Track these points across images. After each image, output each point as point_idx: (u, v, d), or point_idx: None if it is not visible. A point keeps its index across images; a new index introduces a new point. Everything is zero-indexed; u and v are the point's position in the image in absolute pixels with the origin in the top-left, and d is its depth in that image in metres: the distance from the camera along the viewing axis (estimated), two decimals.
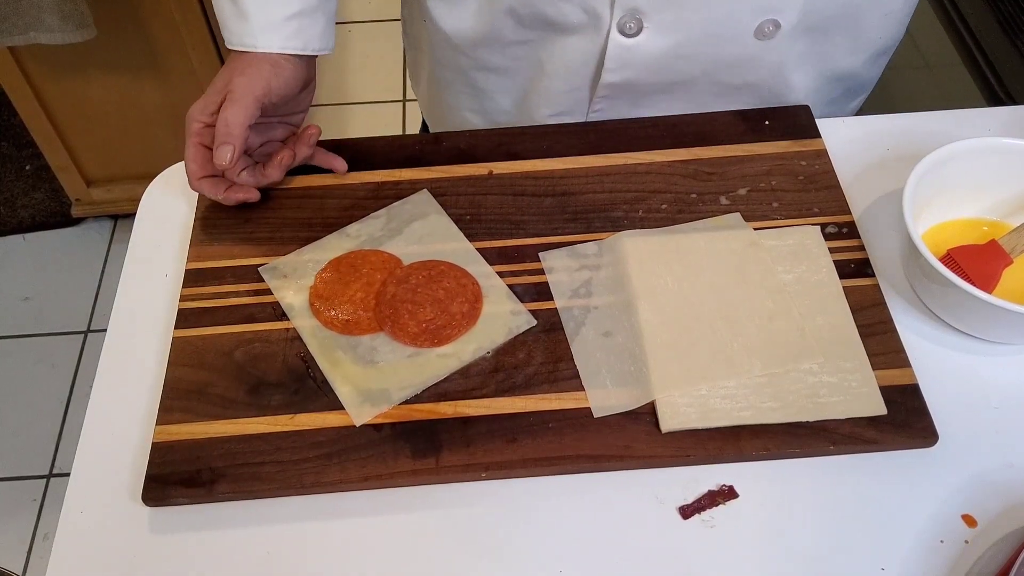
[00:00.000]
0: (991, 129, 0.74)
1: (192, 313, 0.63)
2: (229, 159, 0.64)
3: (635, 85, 0.73)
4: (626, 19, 0.68)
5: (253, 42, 0.66)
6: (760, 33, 0.69)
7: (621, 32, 0.69)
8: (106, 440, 0.59)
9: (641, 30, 0.68)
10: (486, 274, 0.64)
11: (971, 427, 0.58)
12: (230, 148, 0.64)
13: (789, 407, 0.57)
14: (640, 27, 0.68)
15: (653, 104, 0.76)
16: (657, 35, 0.69)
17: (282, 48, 0.66)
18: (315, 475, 0.56)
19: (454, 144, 0.72)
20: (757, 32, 0.69)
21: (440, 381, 0.59)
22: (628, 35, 0.69)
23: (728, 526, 0.54)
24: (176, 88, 1.51)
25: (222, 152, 0.64)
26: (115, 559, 0.54)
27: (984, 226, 0.67)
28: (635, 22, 0.68)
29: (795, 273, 0.63)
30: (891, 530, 0.54)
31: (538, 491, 0.56)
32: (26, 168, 1.67)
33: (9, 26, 1.27)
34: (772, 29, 0.69)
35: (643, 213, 0.68)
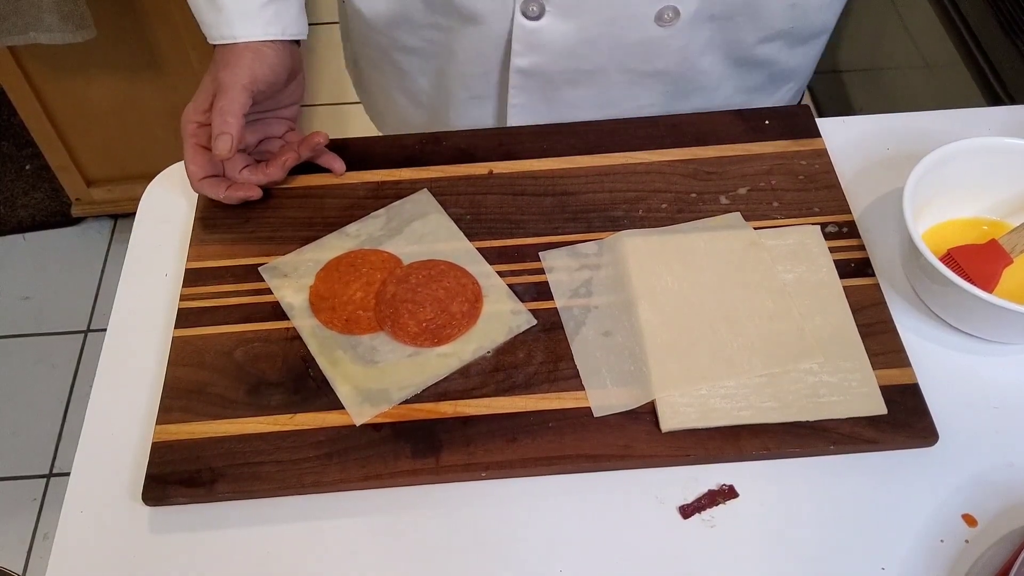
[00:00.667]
0: (991, 129, 0.74)
1: (192, 313, 0.63)
2: (228, 148, 0.64)
3: (546, 73, 0.74)
4: (528, 2, 0.69)
5: (231, 32, 0.67)
6: (660, 19, 0.70)
7: (524, 15, 0.70)
8: (106, 440, 0.59)
9: (543, 13, 0.70)
10: (486, 274, 0.64)
11: (971, 427, 0.58)
12: (228, 137, 0.64)
13: (789, 407, 0.57)
14: (542, 9, 0.69)
15: (570, 97, 0.77)
16: (559, 18, 0.70)
17: (263, 35, 0.67)
18: (315, 475, 0.56)
19: (454, 144, 0.72)
20: (657, 18, 0.70)
21: (440, 381, 0.59)
22: (531, 17, 0.70)
23: (728, 526, 0.54)
24: (176, 88, 1.51)
25: (221, 142, 0.64)
26: (115, 559, 0.54)
27: (984, 226, 0.67)
28: (537, 4, 0.69)
29: (795, 273, 0.63)
30: (891, 530, 0.54)
31: (538, 491, 0.56)
32: (26, 168, 1.67)
33: (9, 26, 1.27)
34: (672, 16, 0.69)
35: (643, 213, 0.68)
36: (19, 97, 1.49)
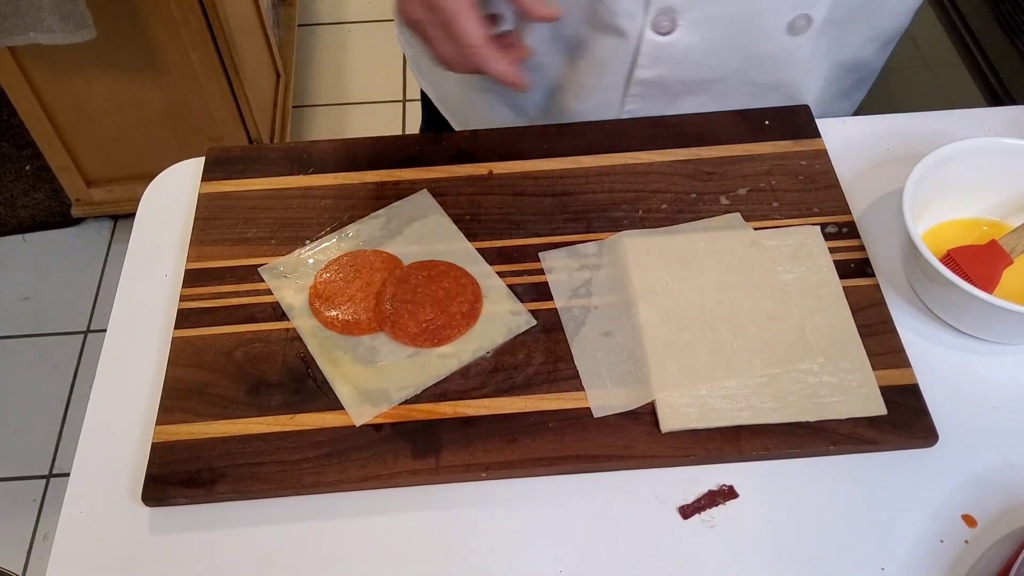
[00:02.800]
0: (991, 129, 0.74)
1: (192, 313, 0.63)
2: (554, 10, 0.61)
3: (667, 83, 0.73)
4: (660, 18, 0.68)
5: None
6: (792, 28, 0.69)
7: (655, 31, 0.69)
8: (106, 440, 0.59)
9: (675, 28, 0.68)
10: (486, 274, 0.64)
11: (971, 427, 0.58)
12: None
13: (789, 407, 0.57)
14: (674, 25, 0.68)
15: (685, 105, 0.76)
16: (691, 31, 0.69)
17: None
18: (315, 475, 0.56)
19: (454, 144, 0.72)
20: (789, 27, 0.69)
21: (440, 381, 0.59)
22: (662, 33, 0.69)
23: (728, 526, 0.54)
24: (176, 88, 1.51)
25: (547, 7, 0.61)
26: (115, 559, 0.54)
27: (984, 226, 0.67)
28: (669, 20, 0.68)
29: (795, 273, 0.63)
30: (891, 530, 0.54)
31: (538, 491, 0.56)
32: (26, 168, 1.67)
33: (9, 26, 1.27)
34: (804, 24, 0.68)
35: (643, 213, 0.68)
36: (19, 97, 1.49)
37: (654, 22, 0.68)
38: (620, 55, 0.72)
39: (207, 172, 0.71)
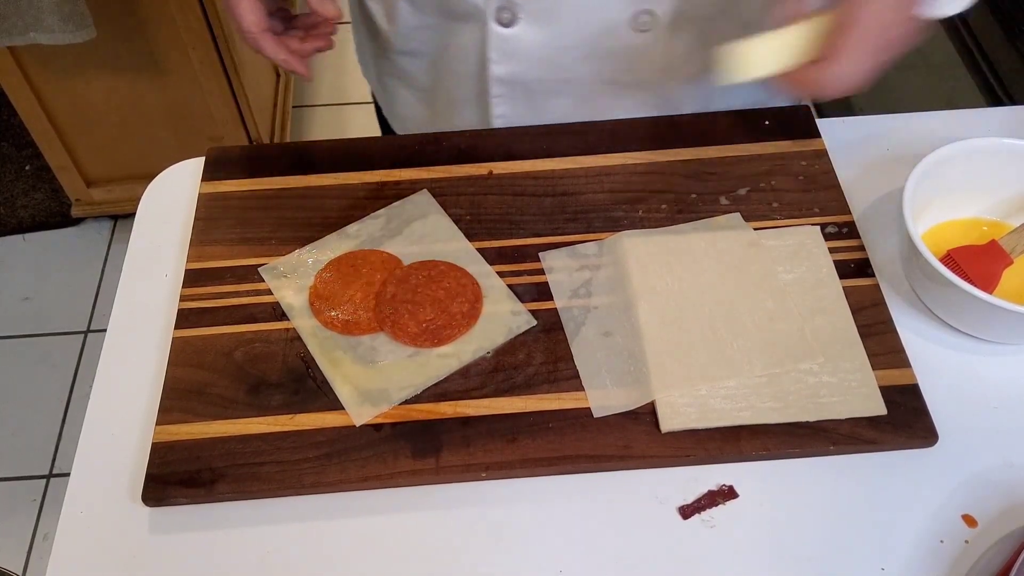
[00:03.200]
0: (991, 129, 0.74)
1: (192, 313, 0.63)
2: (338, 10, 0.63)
3: (525, 82, 0.74)
4: (501, 8, 0.69)
5: None
6: (636, 24, 0.69)
7: (498, 22, 0.70)
8: (106, 440, 0.59)
9: (516, 20, 0.69)
10: (486, 274, 0.64)
11: (971, 427, 0.58)
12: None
13: (789, 407, 0.57)
14: (515, 17, 0.69)
15: (554, 108, 0.76)
16: (533, 25, 0.70)
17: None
18: (315, 475, 0.56)
19: (454, 144, 0.72)
20: (633, 23, 0.69)
21: (440, 381, 0.59)
22: (505, 25, 0.70)
23: (728, 526, 0.54)
24: (176, 88, 1.51)
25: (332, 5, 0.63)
26: (115, 559, 0.54)
27: (984, 226, 0.67)
28: (510, 12, 0.69)
29: (795, 273, 0.63)
30: (891, 530, 0.54)
31: (538, 491, 0.56)
32: (26, 168, 1.67)
33: (9, 26, 1.27)
34: (648, 20, 0.68)
35: (643, 213, 0.68)
36: (19, 97, 1.49)
37: (497, 13, 0.69)
38: (473, 46, 0.73)
39: (207, 172, 0.71)
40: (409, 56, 0.80)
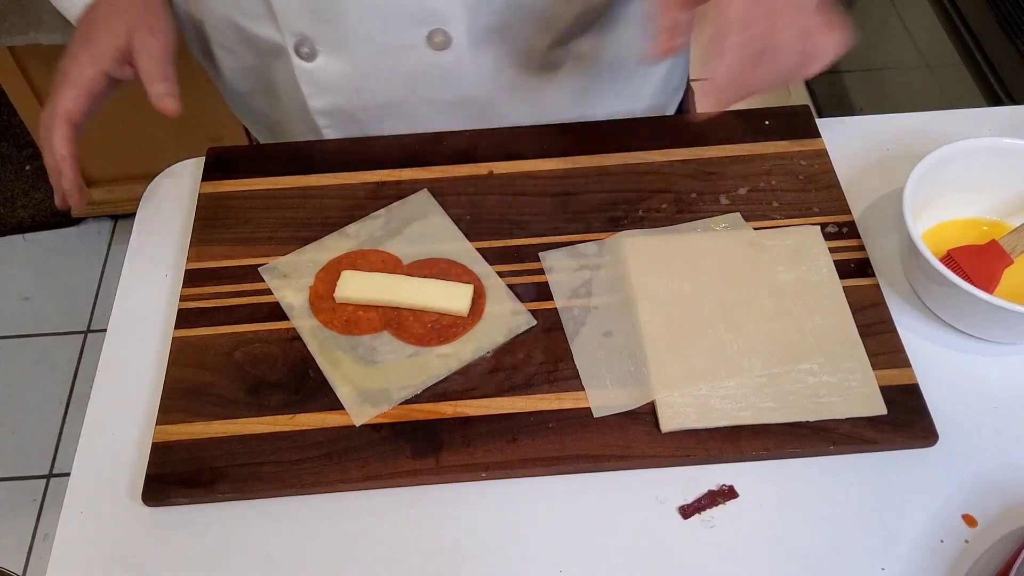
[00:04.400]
0: (991, 129, 0.74)
1: (192, 313, 0.63)
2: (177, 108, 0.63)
3: (347, 110, 0.74)
4: (300, 44, 0.69)
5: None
6: (434, 44, 0.68)
7: (300, 56, 0.70)
8: (106, 440, 0.59)
9: (316, 53, 0.69)
10: (486, 274, 0.64)
11: (971, 427, 0.58)
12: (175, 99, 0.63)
13: (789, 407, 0.57)
14: (314, 51, 0.69)
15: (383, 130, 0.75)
16: (332, 56, 0.69)
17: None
18: (315, 475, 0.56)
19: (454, 144, 0.72)
20: (429, 44, 0.68)
21: (440, 381, 0.59)
22: (306, 59, 0.70)
23: (728, 526, 0.54)
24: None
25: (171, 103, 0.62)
26: (115, 559, 0.54)
27: (984, 226, 0.67)
28: (308, 47, 0.69)
29: (795, 273, 0.63)
30: (891, 530, 0.54)
31: (538, 491, 0.56)
32: (26, 168, 1.67)
33: (9, 26, 1.27)
34: (444, 39, 0.68)
35: (643, 213, 0.68)
36: (19, 97, 1.49)
37: (296, 48, 0.69)
38: (286, 82, 0.73)
39: (207, 172, 0.71)
40: (248, 95, 0.80)
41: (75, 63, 0.63)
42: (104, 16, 0.64)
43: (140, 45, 0.63)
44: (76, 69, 0.63)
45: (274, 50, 0.71)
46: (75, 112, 0.62)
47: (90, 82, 0.63)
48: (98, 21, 0.64)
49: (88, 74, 0.62)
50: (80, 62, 0.63)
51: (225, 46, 0.74)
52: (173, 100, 0.63)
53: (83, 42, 0.64)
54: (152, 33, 0.64)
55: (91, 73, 0.62)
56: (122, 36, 0.63)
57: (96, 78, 0.63)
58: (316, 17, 0.67)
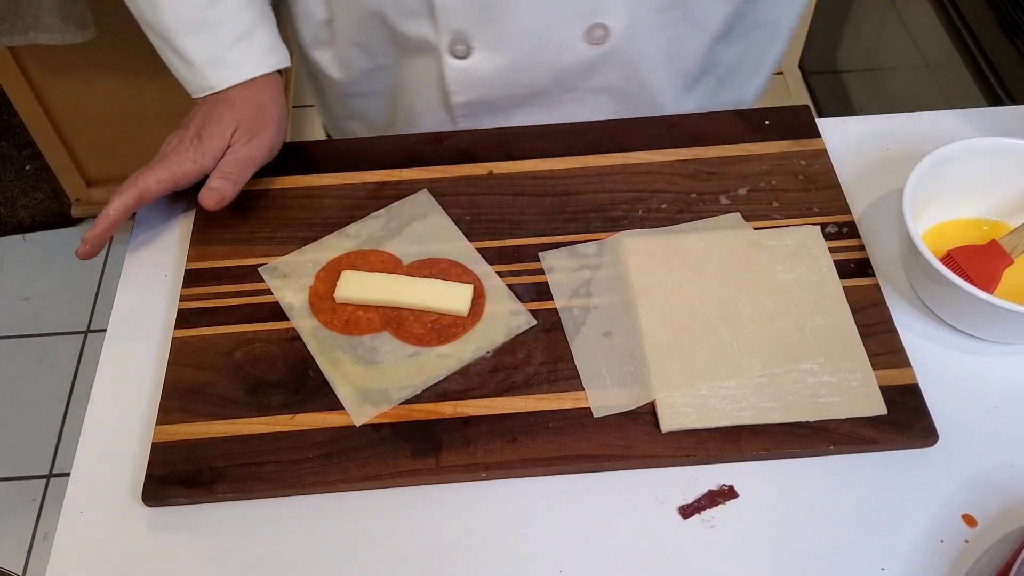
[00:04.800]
0: (991, 129, 0.74)
1: (192, 313, 0.63)
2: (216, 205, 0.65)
3: (488, 102, 0.75)
4: (455, 42, 0.69)
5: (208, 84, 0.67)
6: (591, 38, 0.69)
7: (453, 55, 0.70)
8: (106, 440, 0.59)
9: (471, 51, 0.70)
10: (486, 274, 0.64)
11: (971, 427, 0.58)
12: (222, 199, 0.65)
13: (789, 407, 0.57)
14: (469, 49, 0.69)
15: (520, 119, 0.77)
16: (488, 55, 0.70)
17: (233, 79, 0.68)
18: (315, 475, 0.56)
19: (454, 144, 0.72)
20: (587, 38, 0.69)
21: (440, 381, 0.59)
22: (460, 57, 0.70)
23: (728, 526, 0.54)
24: (176, 88, 1.50)
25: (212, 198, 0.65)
26: (115, 559, 0.54)
27: (984, 226, 0.67)
28: (463, 44, 0.69)
29: (795, 273, 0.63)
30: (891, 530, 0.54)
31: (538, 491, 0.56)
32: (26, 168, 1.67)
33: (9, 26, 1.27)
34: (602, 33, 0.69)
35: (643, 213, 0.68)
36: (19, 97, 1.49)
37: (450, 47, 0.69)
38: (431, 80, 0.74)
39: None
40: (362, 97, 0.81)
41: (180, 152, 0.66)
42: (219, 115, 0.67)
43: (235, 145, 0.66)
44: (178, 159, 0.66)
45: (419, 48, 0.71)
46: (152, 193, 0.65)
47: (182, 176, 0.66)
48: (213, 117, 0.67)
49: (186, 168, 0.66)
50: (182, 155, 0.66)
51: (364, 45, 0.75)
52: (217, 197, 0.65)
53: (195, 136, 0.66)
54: (250, 139, 0.67)
55: (189, 168, 0.66)
56: (226, 139, 0.66)
57: (189, 174, 0.66)
58: (479, 15, 0.67)
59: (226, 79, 0.67)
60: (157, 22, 0.67)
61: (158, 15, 0.67)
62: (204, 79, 0.67)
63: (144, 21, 0.68)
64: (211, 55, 0.67)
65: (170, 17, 0.66)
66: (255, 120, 0.67)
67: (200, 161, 0.66)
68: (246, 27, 0.68)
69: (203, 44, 0.67)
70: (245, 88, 0.68)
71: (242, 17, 0.68)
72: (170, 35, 0.67)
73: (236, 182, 0.66)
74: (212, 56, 0.67)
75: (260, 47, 0.69)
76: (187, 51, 0.67)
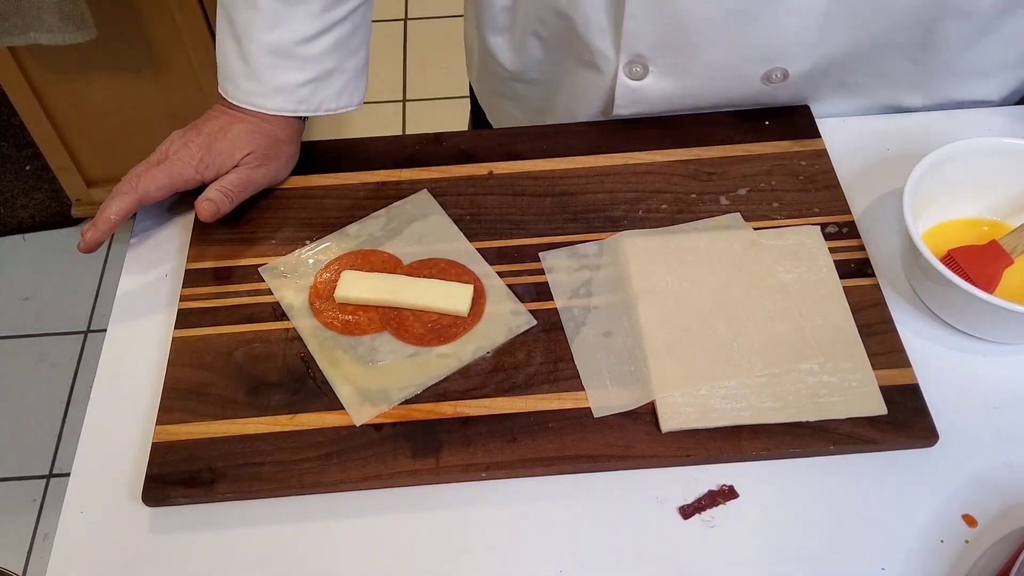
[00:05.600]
0: (991, 129, 0.74)
1: (192, 313, 0.63)
2: (212, 217, 0.65)
3: (648, 115, 0.75)
4: (632, 64, 0.69)
5: (263, 103, 0.67)
6: (768, 80, 0.70)
7: (628, 76, 0.70)
8: (106, 440, 0.59)
9: (647, 73, 0.70)
10: (486, 274, 0.64)
11: (971, 427, 0.58)
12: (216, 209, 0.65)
13: (789, 407, 0.57)
14: (646, 71, 0.69)
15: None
16: (663, 79, 0.70)
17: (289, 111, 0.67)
18: (315, 475, 0.56)
19: (454, 144, 0.72)
20: (764, 79, 0.70)
21: (440, 381, 0.59)
22: (634, 79, 0.70)
23: (728, 526, 0.54)
24: (176, 88, 1.51)
25: (208, 209, 0.65)
26: (115, 559, 0.54)
27: (984, 226, 0.67)
28: (641, 67, 0.69)
29: (795, 273, 0.63)
30: (891, 530, 0.54)
31: (538, 491, 0.56)
32: (26, 168, 1.67)
33: (9, 26, 1.27)
34: (780, 77, 0.69)
35: (643, 213, 0.68)
36: (19, 97, 1.49)
37: (627, 68, 0.69)
38: (599, 92, 0.74)
39: None
40: (527, 83, 0.80)
41: (184, 158, 0.65)
42: (236, 134, 0.66)
43: (241, 167, 0.66)
44: (181, 164, 0.65)
45: (596, 62, 0.71)
46: (151, 198, 0.65)
47: (182, 183, 0.66)
48: (230, 134, 0.66)
49: (187, 175, 0.65)
50: (185, 161, 0.65)
51: (544, 39, 0.74)
52: (211, 206, 0.65)
53: (207, 145, 0.66)
54: (259, 166, 0.67)
55: (190, 175, 0.65)
56: (235, 160, 0.66)
57: (189, 181, 0.66)
58: (662, 42, 0.67)
59: (282, 108, 0.67)
60: (245, 27, 0.65)
61: (251, 23, 0.64)
62: (263, 98, 0.66)
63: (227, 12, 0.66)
64: (284, 84, 0.66)
65: (261, 32, 0.64)
66: (269, 150, 0.67)
67: (203, 172, 0.66)
68: (326, 71, 0.67)
69: (280, 72, 0.66)
70: (271, 119, 0.68)
71: (327, 60, 0.67)
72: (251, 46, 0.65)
73: (233, 200, 0.66)
74: (285, 86, 0.66)
75: (330, 91, 0.68)
76: (260, 68, 0.65)
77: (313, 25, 0.65)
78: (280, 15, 0.64)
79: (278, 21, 0.64)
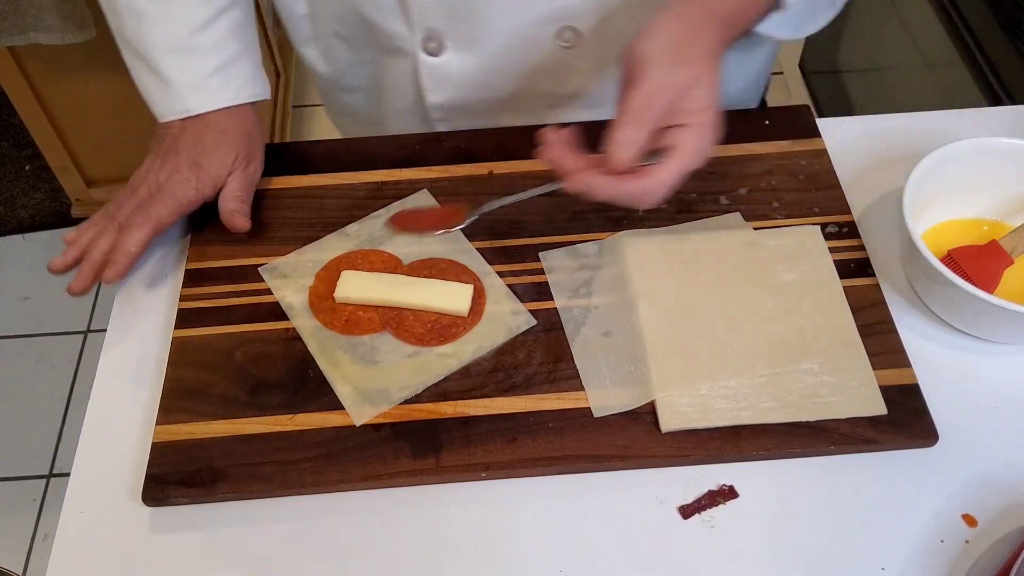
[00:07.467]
0: (991, 129, 0.74)
1: (192, 313, 0.63)
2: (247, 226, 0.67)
3: (464, 105, 0.75)
4: (428, 39, 0.70)
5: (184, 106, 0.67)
6: (562, 40, 0.69)
7: (426, 52, 0.71)
8: (106, 440, 0.59)
9: (443, 48, 0.70)
10: (486, 274, 0.64)
11: (971, 427, 0.58)
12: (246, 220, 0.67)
13: (789, 407, 0.57)
14: (442, 46, 0.70)
15: (494, 122, 0.77)
16: (460, 53, 0.71)
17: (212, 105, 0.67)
18: (315, 475, 0.56)
19: (454, 144, 0.72)
20: (558, 39, 0.70)
21: (440, 381, 0.59)
22: (433, 54, 0.71)
23: (728, 526, 0.54)
24: None
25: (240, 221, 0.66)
26: (115, 559, 0.54)
27: (984, 226, 0.67)
28: (436, 42, 0.70)
29: (795, 273, 0.63)
30: (891, 530, 0.54)
31: (538, 491, 0.56)
32: (26, 168, 1.67)
33: (9, 26, 1.27)
34: (573, 36, 0.69)
35: (643, 213, 0.67)
36: (19, 97, 1.49)
37: (423, 44, 0.70)
38: (407, 78, 0.75)
39: None
40: (350, 92, 0.82)
41: (180, 181, 0.66)
42: (214, 142, 0.67)
43: (236, 172, 0.67)
44: (180, 188, 0.65)
45: (396, 46, 0.72)
46: (165, 226, 0.65)
47: (188, 205, 0.66)
48: (207, 145, 0.66)
49: (190, 196, 0.66)
50: (184, 184, 0.65)
51: (346, 38, 0.75)
52: (242, 217, 0.66)
53: (191, 164, 0.66)
54: (248, 165, 0.68)
55: (192, 196, 0.66)
56: (228, 167, 0.67)
57: (192, 203, 0.66)
58: (451, 13, 0.68)
59: (204, 104, 0.67)
60: (139, 39, 0.66)
61: (143, 32, 0.66)
62: (181, 101, 0.67)
63: (124, 37, 0.68)
64: (193, 79, 0.66)
65: (156, 35, 0.66)
66: (248, 147, 0.68)
67: (202, 190, 0.66)
68: (231, 56, 0.68)
69: (186, 67, 0.66)
70: (228, 115, 0.68)
71: (229, 46, 0.67)
72: (151, 53, 0.66)
73: (248, 203, 0.67)
74: (194, 80, 0.66)
75: (242, 76, 0.68)
76: (167, 72, 0.66)
77: (201, 11, 0.66)
78: (164, 10, 0.65)
79: (165, 16, 0.65)
